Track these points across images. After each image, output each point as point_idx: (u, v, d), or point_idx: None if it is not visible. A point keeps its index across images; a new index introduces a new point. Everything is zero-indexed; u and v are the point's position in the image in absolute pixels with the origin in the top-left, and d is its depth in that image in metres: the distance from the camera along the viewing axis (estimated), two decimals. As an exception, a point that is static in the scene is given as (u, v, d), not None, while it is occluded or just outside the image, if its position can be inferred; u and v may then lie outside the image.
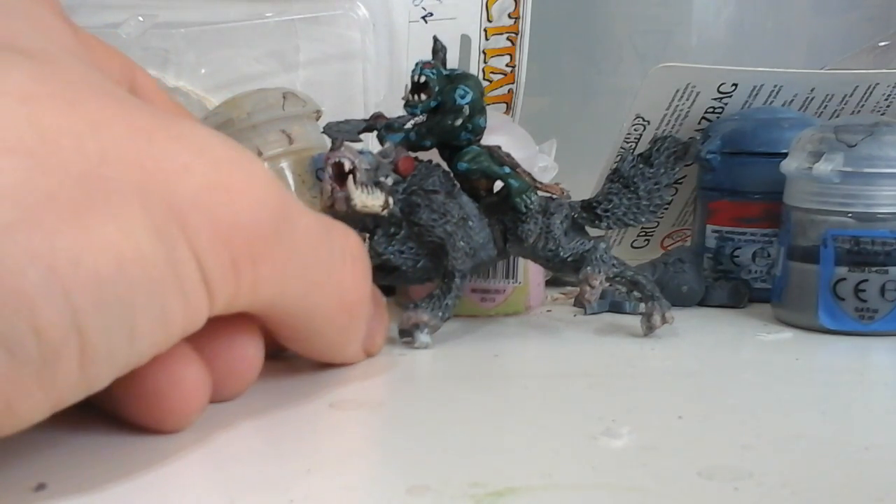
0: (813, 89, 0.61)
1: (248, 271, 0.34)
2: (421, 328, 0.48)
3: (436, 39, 0.50)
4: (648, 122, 0.61)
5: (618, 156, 0.60)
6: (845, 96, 0.62)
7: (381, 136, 0.50)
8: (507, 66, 0.65)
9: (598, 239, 0.51)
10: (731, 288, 0.58)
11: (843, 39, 0.77)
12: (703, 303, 0.58)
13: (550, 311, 0.56)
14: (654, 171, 0.52)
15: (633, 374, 0.46)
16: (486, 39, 0.65)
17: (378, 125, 0.51)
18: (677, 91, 0.59)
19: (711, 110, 0.61)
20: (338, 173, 0.46)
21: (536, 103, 0.72)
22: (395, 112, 0.51)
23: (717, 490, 0.32)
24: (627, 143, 0.61)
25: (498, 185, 0.50)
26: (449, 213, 0.48)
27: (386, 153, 0.48)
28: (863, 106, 0.63)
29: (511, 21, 0.65)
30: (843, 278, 0.51)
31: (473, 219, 0.49)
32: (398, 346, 0.48)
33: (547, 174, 0.59)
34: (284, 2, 0.63)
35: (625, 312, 0.55)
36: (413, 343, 0.48)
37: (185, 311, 0.33)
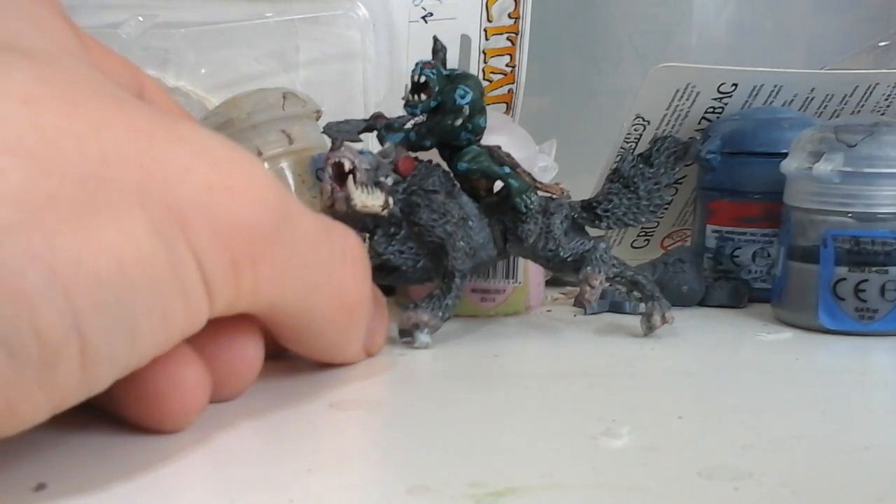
0: (813, 89, 0.61)
1: (249, 272, 0.34)
2: (421, 328, 0.48)
3: (436, 39, 0.50)
4: (648, 122, 0.61)
5: (618, 156, 0.60)
6: (845, 96, 0.62)
7: (381, 136, 0.50)
8: (507, 66, 0.65)
9: (598, 239, 0.51)
10: (731, 288, 0.58)
11: (843, 39, 0.77)
12: (703, 303, 0.58)
13: (550, 311, 0.56)
14: (654, 171, 0.52)
15: (633, 374, 0.46)
16: (486, 39, 0.65)
17: (378, 125, 0.51)
18: (677, 91, 0.59)
19: (711, 110, 0.61)
20: (338, 173, 0.46)
21: (536, 103, 0.72)
22: (395, 112, 0.51)
23: (717, 490, 0.32)
24: (627, 143, 0.61)
25: (498, 185, 0.50)
26: (449, 213, 0.48)
27: (386, 153, 0.48)
28: (863, 106, 0.63)
29: (511, 21, 0.65)
30: (843, 278, 0.51)
31: (473, 219, 0.49)
32: (398, 346, 0.48)
33: (547, 174, 0.59)
34: (284, 2, 0.63)
35: (625, 312, 0.55)
36: (413, 343, 0.48)
37: (186, 312, 0.33)
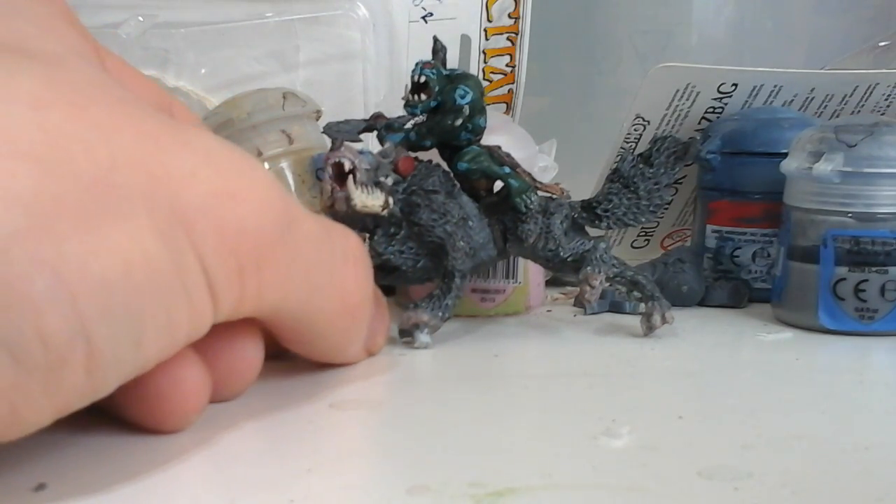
0: (813, 89, 0.61)
1: (253, 277, 0.34)
2: (421, 328, 0.48)
3: (436, 39, 0.50)
4: (648, 122, 0.61)
5: (618, 156, 0.60)
6: (845, 96, 0.62)
7: (381, 136, 0.50)
8: (507, 66, 0.65)
9: (598, 239, 0.51)
10: (731, 288, 0.58)
11: (843, 39, 0.77)
12: (703, 303, 0.58)
13: (550, 311, 0.56)
14: (654, 171, 0.52)
15: (633, 374, 0.46)
16: (486, 39, 0.65)
17: (378, 125, 0.51)
18: (677, 91, 0.59)
19: (711, 110, 0.61)
20: (338, 173, 0.46)
21: (536, 103, 0.72)
22: (395, 112, 0.51)
23: (717, 490, 0.32)
24: (627, 143, 0.61)
25: (498, 185, 0.50)
26: (449, 213, 0.48)
27: (386, 153, 0.48)
28: (863, 106, 0.63)
29: (511, 21, 0.65)
30: (843, 278, 0.51)
31: (473, 219, 0.49)
32: (398, 346, 0.48)
33: (547, 174, 0.59)
34: (284, 2, 0.63)
35: (625, 312, 0.55)
36: (413, 343, 0.48)
37: (191, 317, 0.33)
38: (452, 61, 0.61)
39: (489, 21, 0.65)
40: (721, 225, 0.58)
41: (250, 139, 0.53)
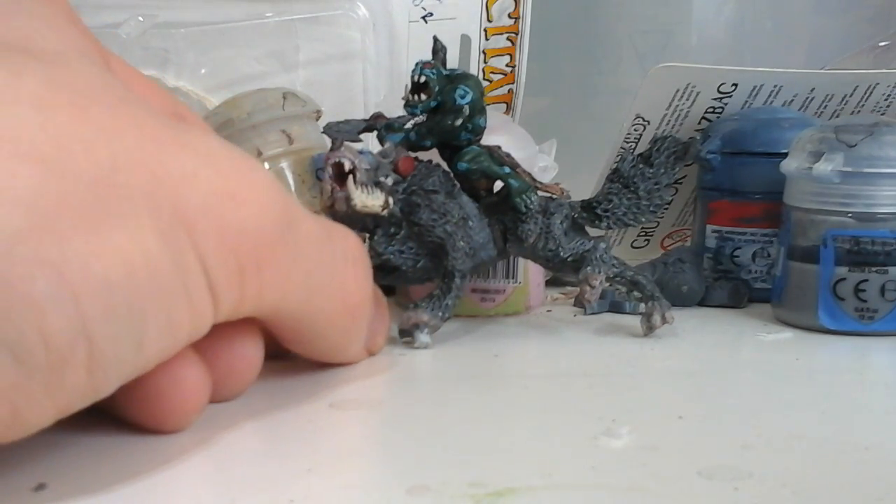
0: (813, 89, 0.61)
1: (254, 278, 0.34)
2: (421, 328, 0.48)
3: (436, 39, 0.50)
4: (648, 122, 0.61)
5: (618, 156, 0.60)
6: (845, 96, 0.62)
7: (381, 136, 0.50)
8: (507, 66, 0.65)
9: (598, 239, 0.51)
10: (731, 288, 0.58)
11: (843, 39, 0.77)
12: (703, 303, 0.58)
13: (550, 311, 0.56)
14: (654, 171, 0.52)
15: (633, 374, 0.46)
16: (486, 39, 0.65)
17: (378, 125, 0.51)
18: (677, 91, 0.59)
19: (711, 110, 0.61)
20: (338, 173, 0.46)
21: (536, 103, 0.72)
22: (395, 112, 0.51)
23: (717, 490, 0.32)
24: (627, 143, 0.61)
25: (498, 185, 0.50)
26: (449, 213, 0.48)
27: (386, 153, 0.48)
28: (863, 106, 0.63)
29: (511, 21, 0.65)
30: (843, 278, 0.51)
31: (473, 219, 0.49)
32: (398, 346, 0.48)
33: (547, 174, 0.59)
34: (284, 2, 0.63)
35: (625, 312, 0.55)
36: (413, 343, 0.48)
37: (191, 317, 0.33)
38: (452, 61, 0.61)
39: (489, 21, 0.65)
40: (721, 225, 0.58)
41: (250, 139, 0.53)
